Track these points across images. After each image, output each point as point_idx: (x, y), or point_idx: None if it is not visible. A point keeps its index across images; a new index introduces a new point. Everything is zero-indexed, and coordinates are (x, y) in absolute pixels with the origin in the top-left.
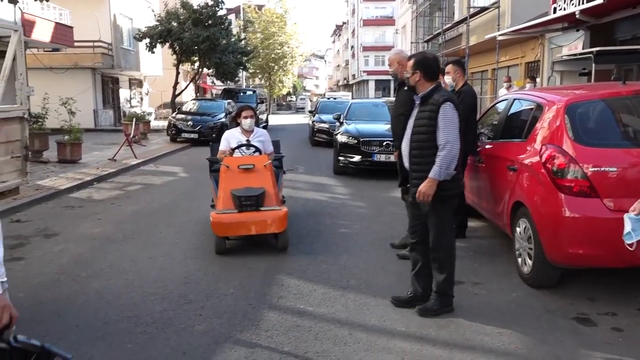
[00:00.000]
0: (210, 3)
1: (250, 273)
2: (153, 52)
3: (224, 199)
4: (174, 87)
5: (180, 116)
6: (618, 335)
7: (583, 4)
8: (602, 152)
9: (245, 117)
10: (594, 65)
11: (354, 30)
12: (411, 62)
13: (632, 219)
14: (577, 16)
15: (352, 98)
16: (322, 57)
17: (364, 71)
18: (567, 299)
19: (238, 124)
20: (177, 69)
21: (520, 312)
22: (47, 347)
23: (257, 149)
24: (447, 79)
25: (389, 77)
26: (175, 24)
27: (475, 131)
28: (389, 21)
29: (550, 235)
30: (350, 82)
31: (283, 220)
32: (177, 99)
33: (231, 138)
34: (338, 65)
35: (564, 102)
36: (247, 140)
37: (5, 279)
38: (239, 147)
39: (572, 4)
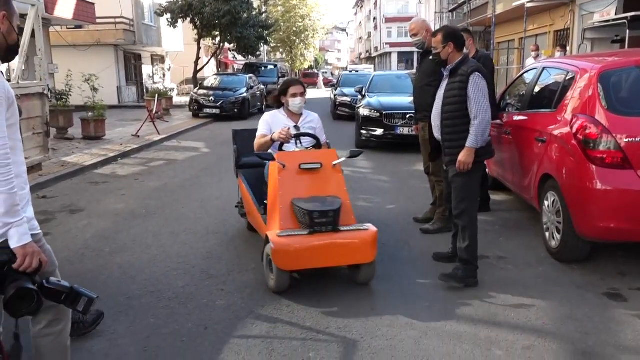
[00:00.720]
0: None
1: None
2: (175, 27)
3: (283, 214)
4: (196, 63)
5: (202, 92)
6: None
7: None
8: (637, 122)
9: (294, 95)
10: (627, 31)
11: (376, 1)
12: (440, 35)
13: None
14: None
15: (375, 71)
16: (344, 30)
17: (387, 43)
18: (596, 274)
19: (281, 104)
20: (199, 44)
21: (548, 287)
22: (76, 288)
23: (317, 141)
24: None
25: (413, 49)
26: None
27: (494, 96)
28: None
29: (580, 208)
30: (373, 55)
31: (373, 246)
32: (199, 75)
33: (275, 122)
34: (360, 38)
35: (597, 69)
36: (296, 127)
37: (39, 231)
38: (297, 136)
39: None
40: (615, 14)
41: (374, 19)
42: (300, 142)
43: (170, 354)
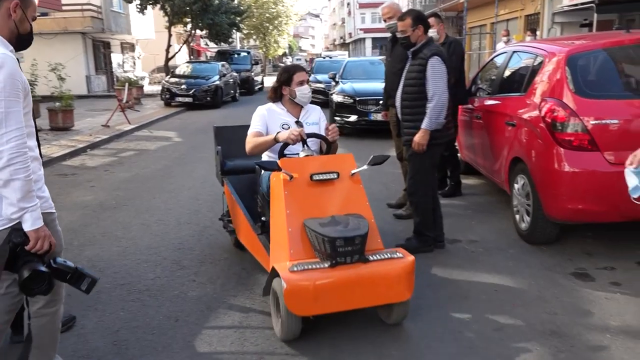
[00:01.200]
0: None
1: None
2: (144, 14)
3: (293, 240)
4: (167, 50)
5: (173, 80)
6: (616, 290)
7: None
8: (604, 104)
9: (302, 83)
10: (595, 15)
11: None
12: (409, 19)
13: (634, 172)
14: None
15: (349, 57)
16: (317, 16)
17: (361, 29)
18: (565, 255)
19: (281, 96)
20: (169, 31)
21: (518, 269)
22: (80, 268)
23: (328, 143)
24: (432, 32)
25: (387, 35)
26: None
27: (464, 81)
28: None
29: (549, 191)
30: (347, 41)
31: (410, 280)
32: (171, 63)
33: (272, 118)
34: (334, 24)
35: (564, 53)
36: (298, 123)
37: (54, 210)
38: (306, 139)
39: None
40: None
41: (348, 4)
42: (307, 144)
43: (140, 347)
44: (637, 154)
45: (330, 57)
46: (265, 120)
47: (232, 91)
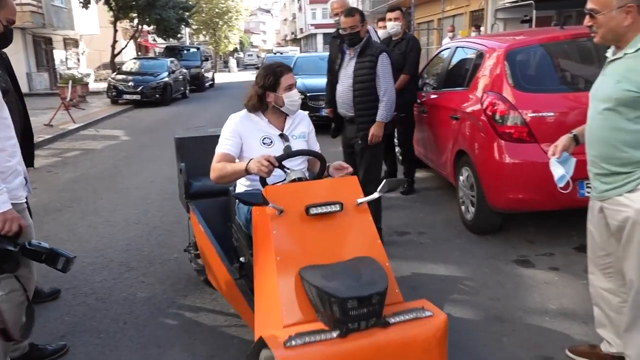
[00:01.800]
0: None
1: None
2: (87, 9)
3: (286, 298)
4: (113, 47)
5: (120, 77)
6: (555, 275)
7: None
8: (541, 98)
9: (290, 88)
10: (534, 11)
11: None
12: (358, 15)
13: (558, 162)
14: None
15: (301, 53)
16: (268, 11)
17: (312, 25)
18: (508, 243)
19: (265, 105)
20: (115, 26)
21: (464, 258)
22: (55, 249)
23: (322, 161)
24: (395, 26)
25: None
26: None
27: (417, 78)
28: None
29: (491, 181)
30: (299, 37)
31: (443, 344)
32: (117, 59)
33: (248, 132)
34: (285, 19)
35: (503, 48)
36: (283, 136)
37: (22, 201)
38: (291, 155)
39: None
40: None
41: (298, 0)
42: (286, 168)
43: (86, 352)
44: (558, 144)
45: (282, 53)
46: (239, 135)
47: (181, 88)
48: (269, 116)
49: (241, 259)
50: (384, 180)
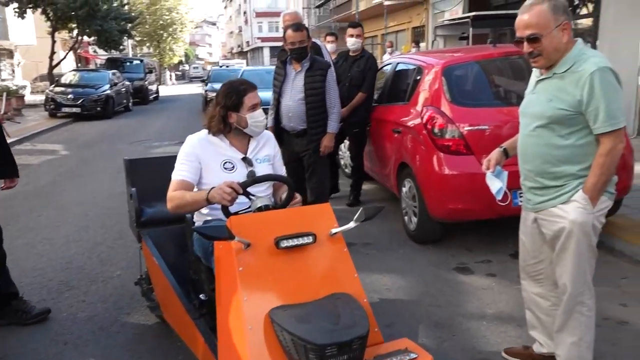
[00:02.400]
0: None
1: (137, 252)
2: (23, 18)
3: (254, 343)
4: (51, 58)
5: (59, 89)
6: (492, 281)
7: None
8: (476, 112)
9: (254, 107)
10: (471, 29)
11: None
12: (305, 31)
13: (494, 175)
14: None
15: (247, 65)
16: (214, 24)
17: (258, 38)
18: (448, 252)
19: (229, 127)
20: (53, 37)
21: (407, 267)
22: None
23: (290, 187)
24: (356, 42)
25: None
26: None
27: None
28: None
29: (432, 192)
30: (245, 50)
31: None
32: (55, 71)
33: (209, 154)
34: (231, 32)
35: (440, 65)
36: (246, 159)
37: None
38: (255, 181)
39: None
40: (462, 13)
41: (244, 13)
42: (251, 195)
43: None
44: (491, 158)
45: (228, 66)
46: (198, 159)
47: (124, 101)
48: (230, 138)
49: (201, 296)
50: (361, 209)
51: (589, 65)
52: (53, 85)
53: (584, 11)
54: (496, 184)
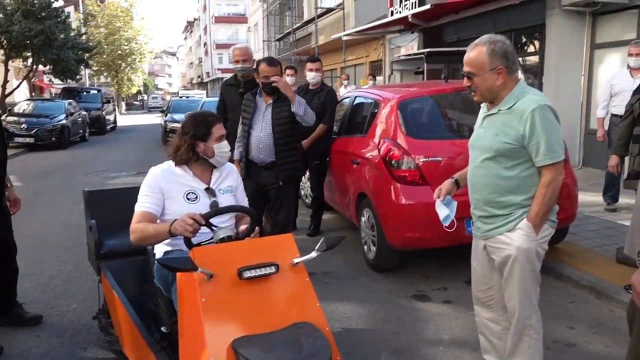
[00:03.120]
0: None
1: (94, 285)
2: None
3: None
4: (3, 87)
5: (11, 118)
6: (448, 307)
7: (415, 8)
8: (430, 144)
9: (221, 138)
10: (425, 64)
11: (205, 27)
12: (279, 66)
13: (443, 203)
14: (410, 19)
15: (207, 96)
16: (174, 54)
17: (219, 69)
18: (406, 280)
19: (196, 156)
20: (6, 65)
21: (366, 295)
22: None
23: (253, 218)
24: (316, 76)
25: None
26: (1, 15)
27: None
28: (241, 19)
29: (389, 222)
30: (205, 80)
31: None
32: (8, 100)
33: (172, 184)
34: (191, 63)
35: (396, 99)
36: (209, 190)
37: None
38: (216, 213)
39: (406, 8)
40: (417, 49)
41: (205, 44)
42: (213, 226)
43: None
44: (442, 187)
45: (188, 97)
46: (160, 190)
47: (80, 131)
48: (194, 169)
49: (162, 328)
50: (322, 239)
51: (530, 103)
52: (5, 115)
53: (531, 49)
54: (444, 211)
